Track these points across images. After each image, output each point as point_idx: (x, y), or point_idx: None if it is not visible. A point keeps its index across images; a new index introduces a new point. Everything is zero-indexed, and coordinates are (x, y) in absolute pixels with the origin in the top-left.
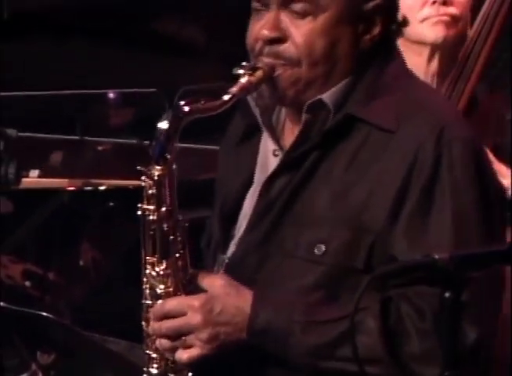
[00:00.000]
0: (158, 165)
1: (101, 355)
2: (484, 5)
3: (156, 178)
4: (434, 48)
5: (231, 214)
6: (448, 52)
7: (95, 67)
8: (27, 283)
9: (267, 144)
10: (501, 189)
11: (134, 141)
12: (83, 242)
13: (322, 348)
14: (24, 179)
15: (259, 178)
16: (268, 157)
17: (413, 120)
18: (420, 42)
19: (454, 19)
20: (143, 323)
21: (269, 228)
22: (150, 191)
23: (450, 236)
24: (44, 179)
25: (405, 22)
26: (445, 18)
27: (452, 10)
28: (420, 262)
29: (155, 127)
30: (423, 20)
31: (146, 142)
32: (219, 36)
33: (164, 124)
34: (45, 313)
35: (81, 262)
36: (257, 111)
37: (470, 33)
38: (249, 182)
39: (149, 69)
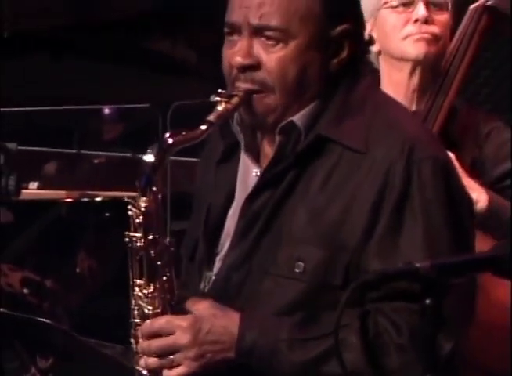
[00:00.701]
0: (144, 196)
1: (97, 358)
2: (462, 23)
3: (142, 209)
4: (416, 64)
5: (214, 231)
6: (429, 68)
7: (92, 84)
8: (26, 291)
9: (246, 163)
10: (470, 204)
11: (128, 154)
12: (80, 251)
13: (309, 365)
14: (24, 191)
15: (240, 196)
16: (249, 176)
17: (383, 140)
18: (402, 59)
19: (435, 38)
20: (132, 340)
21: (250, 246)
22: (137, 220)
23: (421, 254)
24: (42, 191)
25: (371, 40)
26: (427, 36)
27: (434, 29)
28: (402, 270)
29: (149, 140)
30: (405, 37)
31: (140, 155)
32: (209, 55)
33: (149, 157)
34: (43, 319)
35: (78, 270)
36: (237, 132)
37: (449, 50)
38: (230, 200)
39: (143, 85)
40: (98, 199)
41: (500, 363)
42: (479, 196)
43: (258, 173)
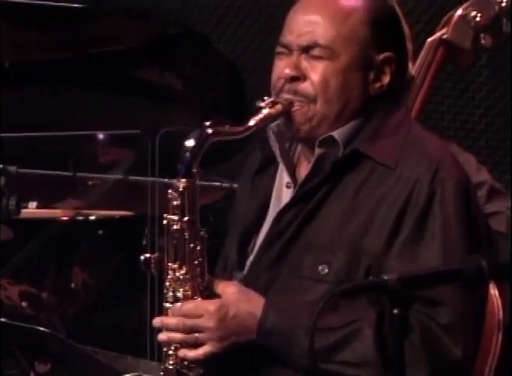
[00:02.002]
0: (184, 178)
1: (91, 364)
2: (421, 55)
3: (181, 189)
4: None
5: (248, 238)
6: None
7: (86, 111)
8: (24, 303)
9: (282, 176)
10: (486, 222)
11: (120, 176)
12: (74, 265)
13: (323, 352)
14: (24, 210)
15: (274, 207)
16: (282, 188)
17: (411, 159)
18: None
19: None
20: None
21: (280, 251)
22: (175, 202)
23: (438, 264)
24: (41, 210)
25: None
26: None
27: None
28: (372, 282)
29: (139, 163)
30: None
31: (132, 177)
32: (194, 84)
33: (190, 142)
34: (41, 328)
35: (73, 284)
36: (275, 145)
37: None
38: (265, 209)
39: (133, 113)
40: (91, 218)
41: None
42: None
43: (289, 184)
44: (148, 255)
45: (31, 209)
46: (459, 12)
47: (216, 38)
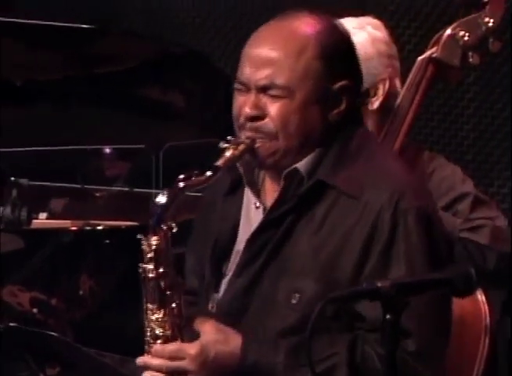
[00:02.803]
0: (155, 235)
1: (98, 367)
2: (411, 73)
3: (153, 246)
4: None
5: (221, 256)
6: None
7: (93, 127)
8: (34, 309)
9: (249, 197)
10: (450, 248)
11: (125, 188)
12: (82, 273)
13: None
14: (34, 221)
15: (243, 227)
16: (251, 209)
17: (375, 188)
18: None
19: None
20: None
21: (253, 277)
22: (149, 255)
23: None
24: (50, 221)
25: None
26: None
27: None
28: (366, 289)
29: (143, 176)
30: None
31: (136, 189)
32: (196, 101)
33: (161, 199)
34: (50, 332)
35: (81, 291)
36: (241, 170)
37: (399, 96)
38: (236, 229)
39: (138, 128)
40: (99, 228)
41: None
42: None
43: (258, 204)
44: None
45: (41, 220)
46: (448, 31)
47: (216, 57)
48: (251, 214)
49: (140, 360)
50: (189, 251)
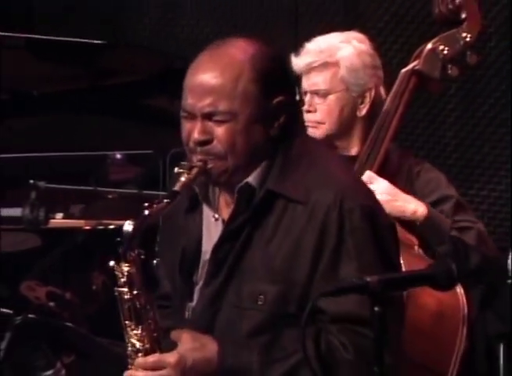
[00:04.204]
0: (126, 262)
1: (110, 355)
2: (395, 84)
3: (125, 272)
4: None
5: (190, 267)
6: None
7: (105, 135)
8: (51, 302)
9: (208, 211)
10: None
11: (135, 191)
12: (95, 269)
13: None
14: (51, 220)
15: (206, 239)
16: (210, 222)
17: (319, 191)
18: None
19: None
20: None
21: (220, 286)
22: (122, 280)
23: None
24: (66, 220)
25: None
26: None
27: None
28: (355, 284)
29: (152, 179)
30: None
31: (145, 191)
32: None
33: (128, 227)
34: (66, 323)
35: (94, 285)
36: (197, 189)
37: (385, 106)
38: (200, 242)
39: (146, 136)
40: (110, 227)
41: (435, 360)
42: (418, 206)
43: (216, 216)
44: (159, 259)
45: (58, 220)
46: (429, 46)
47: None
48: (211, 226)
49: (126, 374)
50: (160, 258)
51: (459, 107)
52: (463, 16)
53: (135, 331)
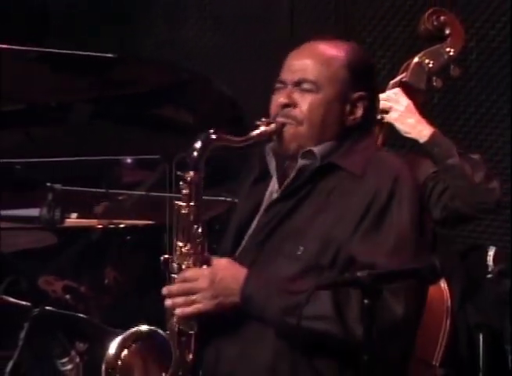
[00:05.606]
0: (191, 171)
1: None
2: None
3: (188, 180)
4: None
5: (242, 231)
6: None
7: (116, 141)
8: (67, 295)
9: (274, 186)
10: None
11: (143, 193)
12: (107, 265)
13: (291, 308)
14: (66, 220)
15: (265, 205)
16: (273, 192)
17: (376, 171)
18: None
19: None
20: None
21: (264, 238)
22: (184, 191)
23: (391, 246)
24: (80, 220)
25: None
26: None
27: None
28: (348, 278)
29: (159, 182)
30: None
31: (153, 193)
32: (204, 118)
33: (197, 144)
34: (81, 314)
35: (106, 280)
36: (271, 160)
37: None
38: (258, 209)
39: (154, 142)
40: (121, 226)
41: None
42: (426, 129)
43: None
44: (166, 256)
45: (73, 219)
46: (416, 59)
47: (220, 81)
48: (273, 196)
49: (164, 289)
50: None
51: (441, 116)
52: (447, 32)
53: (183, 250)
